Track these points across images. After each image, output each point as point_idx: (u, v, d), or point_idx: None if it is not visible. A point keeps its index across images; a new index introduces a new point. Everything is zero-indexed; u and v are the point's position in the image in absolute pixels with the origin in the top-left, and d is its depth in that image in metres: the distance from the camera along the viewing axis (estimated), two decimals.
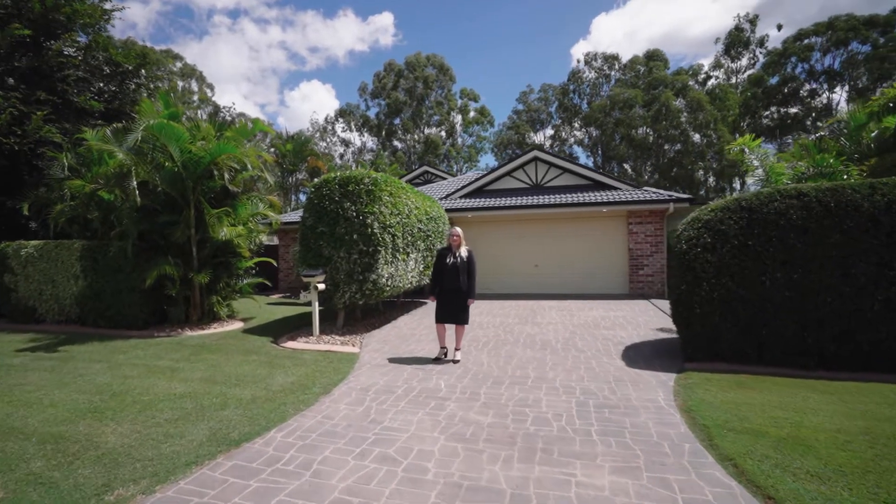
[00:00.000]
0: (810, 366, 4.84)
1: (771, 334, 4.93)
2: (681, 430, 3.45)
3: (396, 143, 44.18)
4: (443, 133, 43.94)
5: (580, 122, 42.31)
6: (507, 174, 13.88)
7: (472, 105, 45.32)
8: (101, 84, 12.09)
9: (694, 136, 35.88)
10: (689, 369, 5.00)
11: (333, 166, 31.95)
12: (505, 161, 20.37)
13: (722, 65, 39.08)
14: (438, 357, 5.69)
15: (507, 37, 66.93)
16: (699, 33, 54.91)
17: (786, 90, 33.66)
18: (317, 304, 7.08)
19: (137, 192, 7.50)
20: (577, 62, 43.24)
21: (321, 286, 6.93)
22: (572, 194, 12.44)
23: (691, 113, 35.23)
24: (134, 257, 7.85)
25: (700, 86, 38.76)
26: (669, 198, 11.33)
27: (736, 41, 37.17)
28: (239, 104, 69.10)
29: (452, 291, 5.52)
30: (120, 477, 2.79)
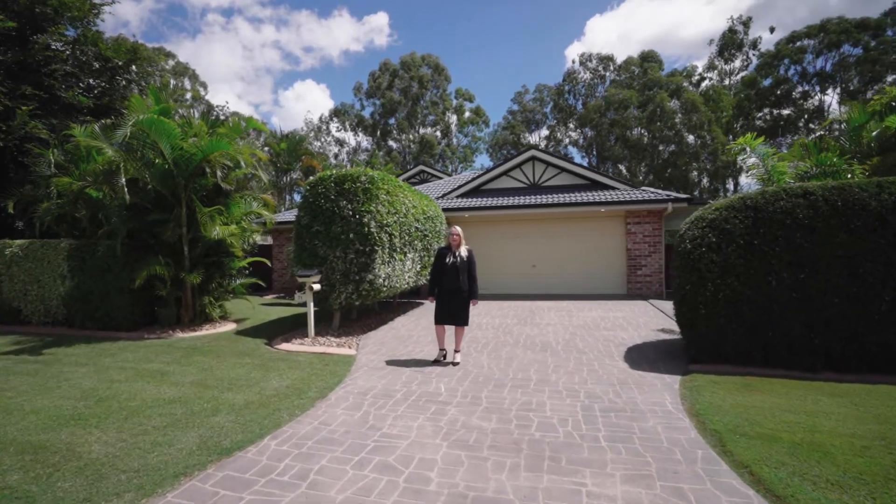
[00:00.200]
0: (816, 368, 4.75)
1: (777, 335, 4.84)
2: (691, 436, 3.34)
3: (391, 143, 43.98)
4: (438, 133, 43.81)
5: (575, 123, 42.35)
6: (505, 174, 13.76)
7: (468, 105, 45.26)
8: (90, 80, 11.81)
9: (688, 137, 36.04)
10: (694, 371, 4.90)
11: (328, 165, 31.66)
12: (502, 160, 20.29)
13: (716, 66, 39.33)
14: (437, 359, 5.55)
15: (502, 37, 67.04)
16: (692, 35, 55.30)
17: (779, 92, 33.90)
18: (312, 305, 6.91)
19: (126, 190, 7.29)
20: (573, 63, 43.43)
21: (316, 286, 6.77)
22: (570, 194, 12.34)
23: (685, 114, 35.39)
24: (123, 257, 7.64)
25: (694, 87, 38.99)
26: (668, 197, 11.26)
27: (729, 43, 37.42)
28: (233, 103, 68.39)
29: (452, 292, 5.38)
30: (102, 490, 2.62)
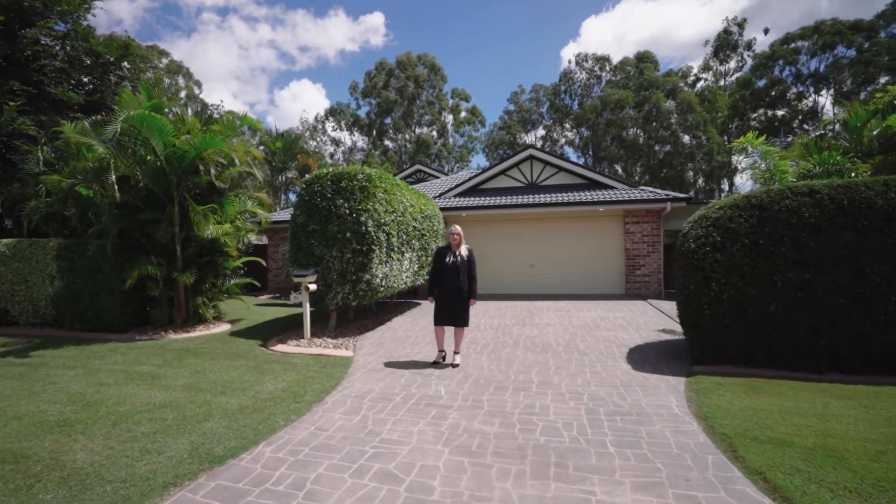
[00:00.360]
0: (822, 369, 4.68)
1: (781, 336, 4.77)
2: (700, 440, 3.25)
3: (387, 143, 43.79)
4: (434, 133, 43.66)
5: (571, 123, 42.37)
6: (502, 173, 13.66)
7: (464, 105, 45.17)
8: (81, 76, 11.58)
9: (684, 138, 36.15)
10: (699, 373, 4.81)
11: (324, 165, 31.46)
12: (498, 160, 20.19)
13: (711, 67, 39.48)
14: (436, 361, 5.43)
15: (498, 38, 66.99)
16: (687, 37, 55.53)
17: (773, 93, 34.08)
18: (308, 306, 6.78)
19: (117, 188, 7.14)
20: (569, 63, 43.25)
21: (312, 286, 6.63)
22: (568, 193, 12.26)
23: (681, 114, 35.47)
24: (114, 256, 7.46)
25: (690, 87, 39.09)
26: (667, 197, 11.20)
27: (724, 44, 37.55)
28: (228, 103, 68.03)
29: (452, 292, 5.26)
30: (86, 502, 2.48)
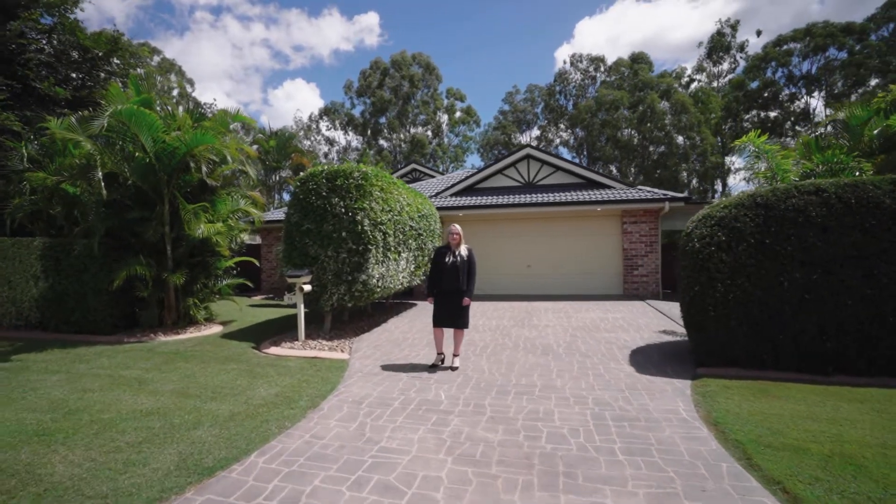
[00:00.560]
0: (829, 371, 4.59)
1: (788, 338, 4.67)
2: (712, 447, 3.13)
3: (382, 142, 43.54)
4: (429, 132, 43.49)
5: (566, 123, 42.40)
6: (499, 172, 13.54)
7: (459, 105, 44.98)
8: (68, 71, 11.28)
9: (678, 138, 36.29)
10: (704, 375, 4.71)
11: (318, 164, 31.15)
12: (494, 160, 20.09)
13: (704, 68, 39.70)
14: (435, 364, 5.28)
15: (493, 38, 67.01)
16: (680, 39, 55.79)
17: (766, 94, 34.28)
18: (302, 307, 6.60)
19: (104, 185, 6.91)
20: (564, 63, 43.48)
21: (307, 287, 6.46)
22: (565, 193, 12.16)
23: (675, 115, 35.63)
24: (101, 256, 7.22)
25: (684, 88, 39.28)
26: (665, 196, 11.14)
27: (718, 45, 37.79)
28: (221, 102, 67.15)
29: (452, 293, 5.12)
30: None
